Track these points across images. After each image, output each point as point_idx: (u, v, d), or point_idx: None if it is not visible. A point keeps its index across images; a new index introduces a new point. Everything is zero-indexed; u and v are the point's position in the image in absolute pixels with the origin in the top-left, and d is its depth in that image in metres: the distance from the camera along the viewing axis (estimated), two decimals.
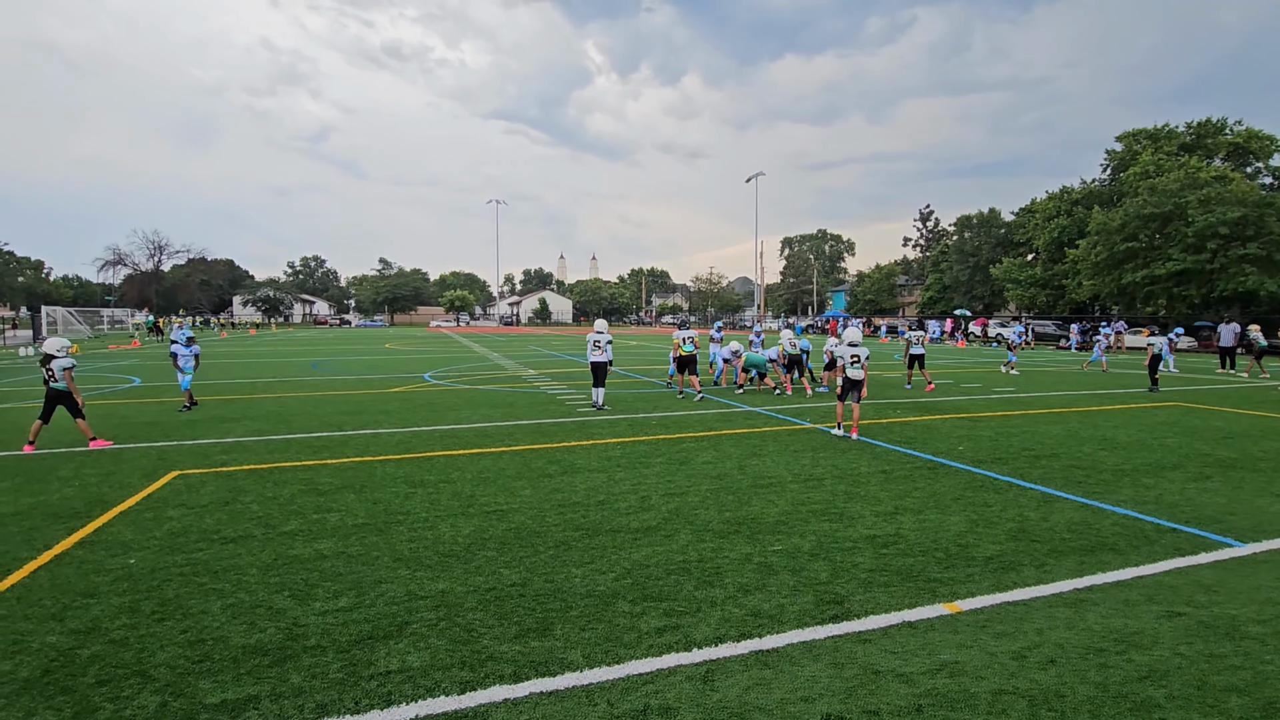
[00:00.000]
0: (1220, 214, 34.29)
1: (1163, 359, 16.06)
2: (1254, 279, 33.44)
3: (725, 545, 4.86)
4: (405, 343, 39.72)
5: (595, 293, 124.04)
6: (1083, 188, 50.98)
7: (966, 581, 4.21)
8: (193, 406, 11.62)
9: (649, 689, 3.01)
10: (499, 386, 15.58)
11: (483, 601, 3.90)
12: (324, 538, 5.01)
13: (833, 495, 6.18)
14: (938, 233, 77.80)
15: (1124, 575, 4.33)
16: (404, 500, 6.02)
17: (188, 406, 11.56)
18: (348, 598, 3.95)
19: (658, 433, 9.38)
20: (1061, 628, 3.60)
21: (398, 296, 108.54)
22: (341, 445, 8.54)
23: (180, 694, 2.95)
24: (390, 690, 2.99)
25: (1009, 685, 3.04)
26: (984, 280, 58.92)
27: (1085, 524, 5.38)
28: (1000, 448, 8.39)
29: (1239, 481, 6.79)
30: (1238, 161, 44.41)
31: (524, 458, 7.79)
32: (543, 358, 26.09)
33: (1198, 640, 3.47)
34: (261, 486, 6.48)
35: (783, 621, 3.66)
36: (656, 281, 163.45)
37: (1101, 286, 41.55)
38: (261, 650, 3.33)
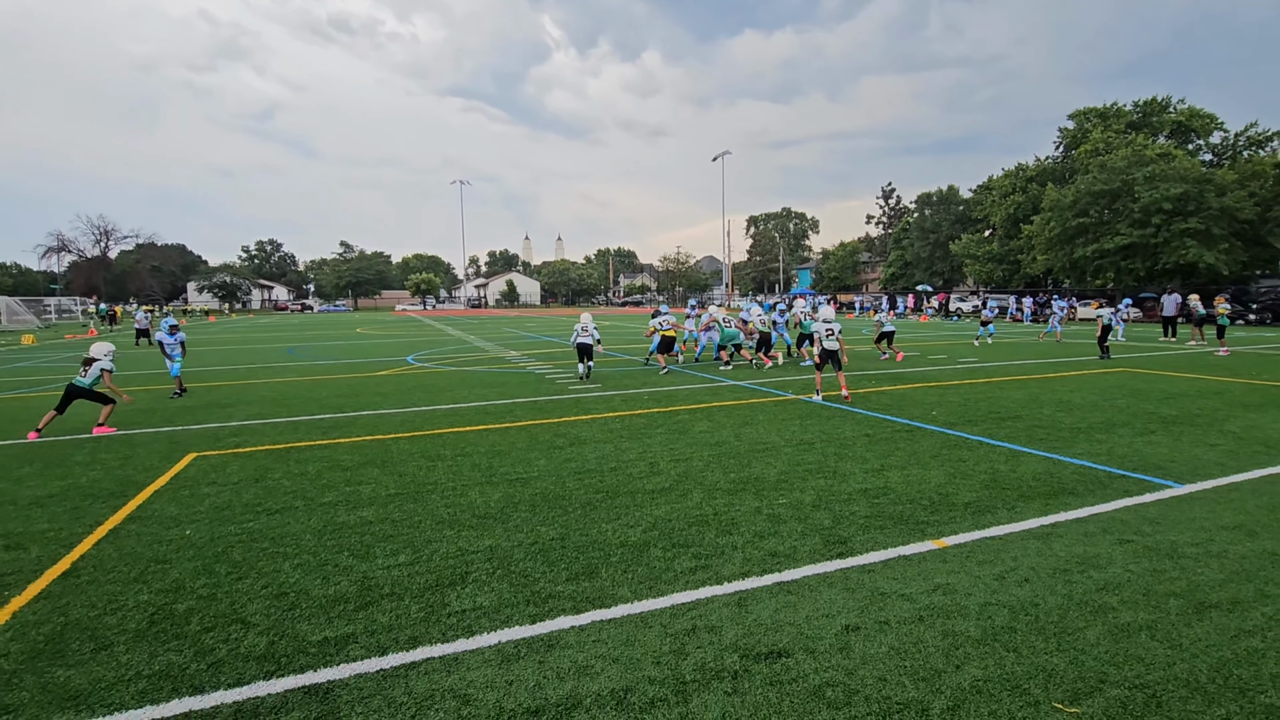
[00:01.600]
0: (1164, 190, 36.04)
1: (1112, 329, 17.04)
2: (1194, 252, 35.33)
3: (735, 501, 5.39)
4: (376, 327, 39.36)
5: (563, 274, 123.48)
6: (1037, 165, 52.70)
7: (950, 523, 4.82)
8: (183, 393, 11.71)
9: (693, 614, 3.51)
10: (485, 368, 15.86)
11: (530, 554, 4.36)
12: (363, 507, 5.37)
13: (824, 457, 6.77)
14: (899, 210, 79.47)
15: (1083, 513, 4.99)
16: (428, 473, 6.39)
17: (178, 393, 11.65)
18: (405, 555, 4.36)
19: (651, 406, 9.87)
20: (1033, 555, 4.22)
21: (361, 280, 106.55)
22: (349, 425, 8.82)
23: (283, 635, 3.35)
24: (470, 624, 3.43)
25: (993, 599, 3.63)
26: (944, 256, 60.66)
27: (1048, 473, 6.06)
28: (970, 412, 9.11)
29: (1179, 435, 7.60)
30: (1180, 139, 46.47)
31: (530, 432, 8.20)
32: (521, 339, 26.31)
33: (1144, 560, 4.12)
34: (285, 465, 6.78)
35: (797, 559, 4.20)
36: (623, 262, 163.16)
37: (1055, 261, 43.33)
38: (343, 599, 3.74)
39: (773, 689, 2.84)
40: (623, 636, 3.30)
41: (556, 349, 21.28)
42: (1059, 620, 3.39)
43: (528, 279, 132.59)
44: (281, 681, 2.94)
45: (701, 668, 3.00)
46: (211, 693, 2.87)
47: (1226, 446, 7.03)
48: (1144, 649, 3.12)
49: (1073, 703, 2.73)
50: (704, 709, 2.71)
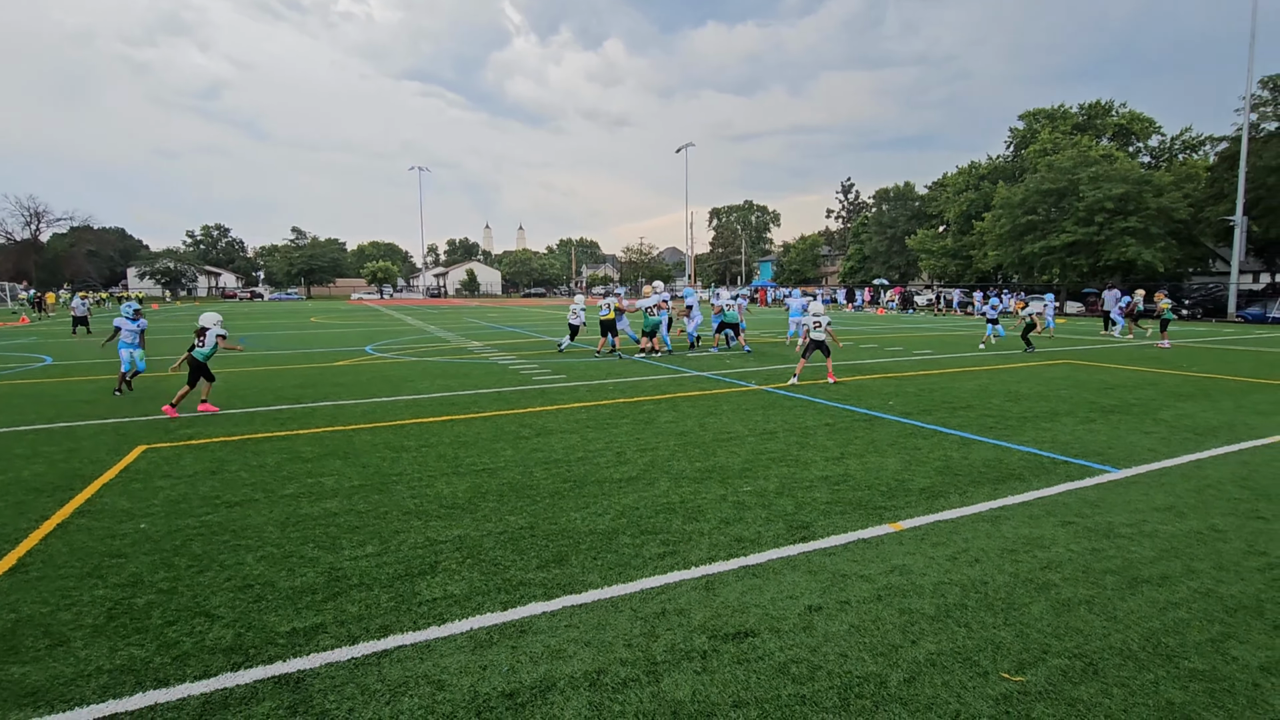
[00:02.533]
0: (1107, 190, 37.67)
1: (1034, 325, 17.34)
2: (1133, 249, 37.07)
3: (701, 489, 5.50)
4: (331, 316, 38.39)
5: (525, 264, 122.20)
6: (989, 163, 54.39)
7: (906, 507, 5.02)
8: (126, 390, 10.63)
9: (663, 597, 3.60)
10: (447, 359, 15.67)
11: (499, 543, 4.38)
12: (327, 498, 5.30)
13: (787, 445, 6.94)
14: (858, 205, 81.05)
15: (1029, 497, 5.26)
16: (392, 464, 6.33)
17: (121, 390, 10.60)
18: (373, 545, 4.33)
19: (615, 397, 9.93)
20: (983, 537, 4.44)
21: (314, 268, 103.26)
22: (307, 416, 8.64)
23: (250, 627, 3.31)
24: (441, 612, 3.45)
25: (946, 578, 3.82)
26: (900, 251, 62.19)
27: (997, 460, 6.35)
28: (924, 402, 9.44)
29: (1117, 423, 8.03)
30: (1122, 141, 48.56)
31: (495, 423, 8.17)
32: (483, 330, 26.03)
33: (1084, 540, 4.38)
34: (242, 457, 6.62)
35: (762, 544, 4.33)
36: (586, 252, 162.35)
37: (1005, 257, 44.88)
38: (310, 590, 3.71)
39: (740, 667, 2.95)
40: (594, 621, 3.36)
41: (520, 339, 21.14)
42: (1006, 597, 3.59)
43: (489, 268, 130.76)
44: (250, 672, 2.91)
45: (671, 649, 3.09)
46: (177, 685, 2.83)
47: (1159, 434, 7.46)
48: (1083, 622, 3.34)
49: (1019, 672, 2.91)
50: (675, 687, 2.80)
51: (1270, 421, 8.16)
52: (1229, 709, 2.67)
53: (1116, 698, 2.73)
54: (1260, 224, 34.91)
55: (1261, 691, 2.78)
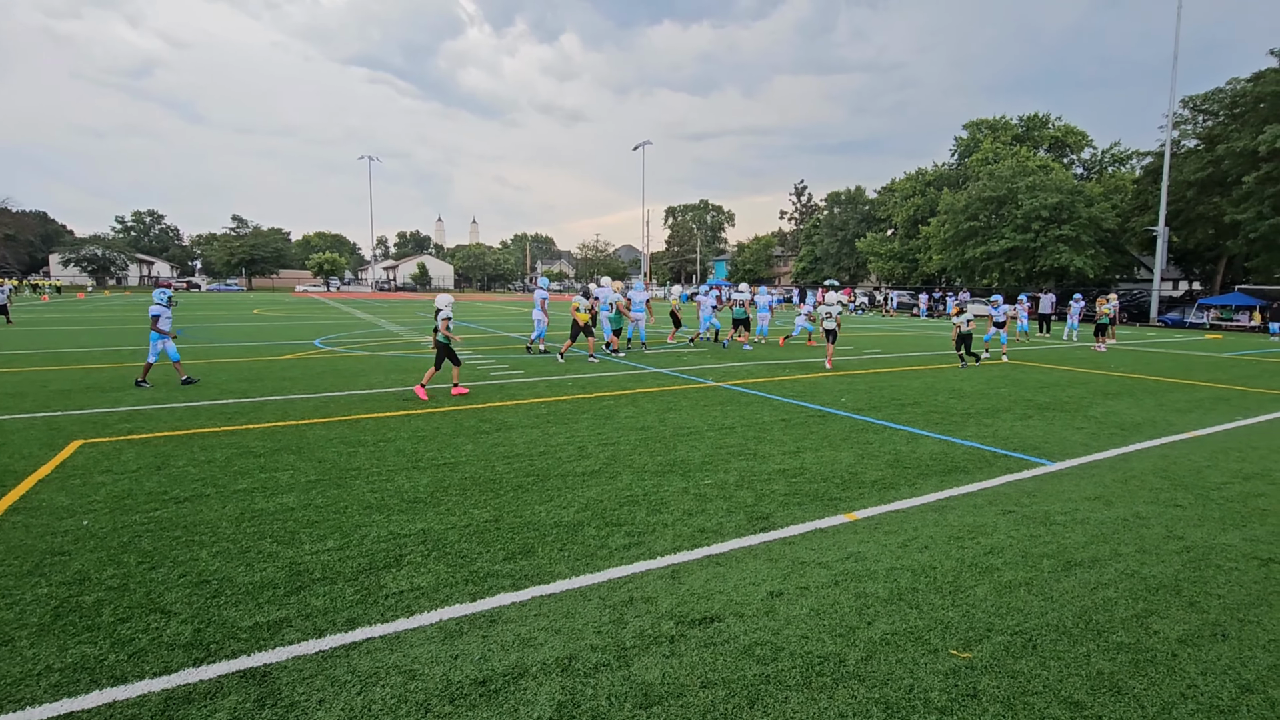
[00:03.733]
0: (1043, 199, 39.57)
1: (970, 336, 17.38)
2: (1066, 256, 39.06)
3: (663, 482, 5.60)
4: (275, 309, 37.03)
5: (478, 258, 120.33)
6: (934, 170, 56.36)
7: (859, 498, 5.24)
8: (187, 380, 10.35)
9: (630, 586, 3.68)
10: (401, 353, 15.37)
11: (464, 535, 4.38)
12: (283, 493, 5.18)
13: (745, 440, 7.11)
14: (810, 207, 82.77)
15: (972, 488, 5.56)
16: (349, 458, 6.22)
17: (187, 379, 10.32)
18: (334, 540, 4.27)
19: (575, 393, 9.95)
20: (931, 525, 4.68)
21: (256, 258, 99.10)
22: (256, 411, 8.37)
23: (210, 623, 3.24)
24: (409, 604, 3.44)
25: (897, 564, 4.02)
26: (850, 253, 63.86)
27: (943, 454, 6.67)
28: (874, 399, 9.79)
29: (1051, 419, 8.52)
30: (1057, 153, 51.07)
31: (454, 418, 8.10)
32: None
33: (1023, 527, 4.67)
34: (189, 452, 6.39)
35: (724, 534, 4.46)
36: (541, 248, 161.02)
37: (949, 260, 46.63)
38: (271, 584, 3.64)
39: (707, 650, 3.05)
40: (563, 610, 3.42)
41: (476, 334, 20.87)
42: (953, 580, 3.81)
43: (441, 262, 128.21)
44: (213, 667, 2.86)
45: (640, 634, 3.17)
46: (136, 682, 2.75)
47: (1089, 429, 7.95)
48: (1022, 602, 3.57)
49: (965, 649, 3.10)
50: (645, 671, 2.88)
51: (1187, 418, 8.79)
52: (1150, 677, 2.92)
53: (1053, 669, 2.95)
54: (1180, 234, 37.29)
55: (1179, 661, 3.05)
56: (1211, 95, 36.09)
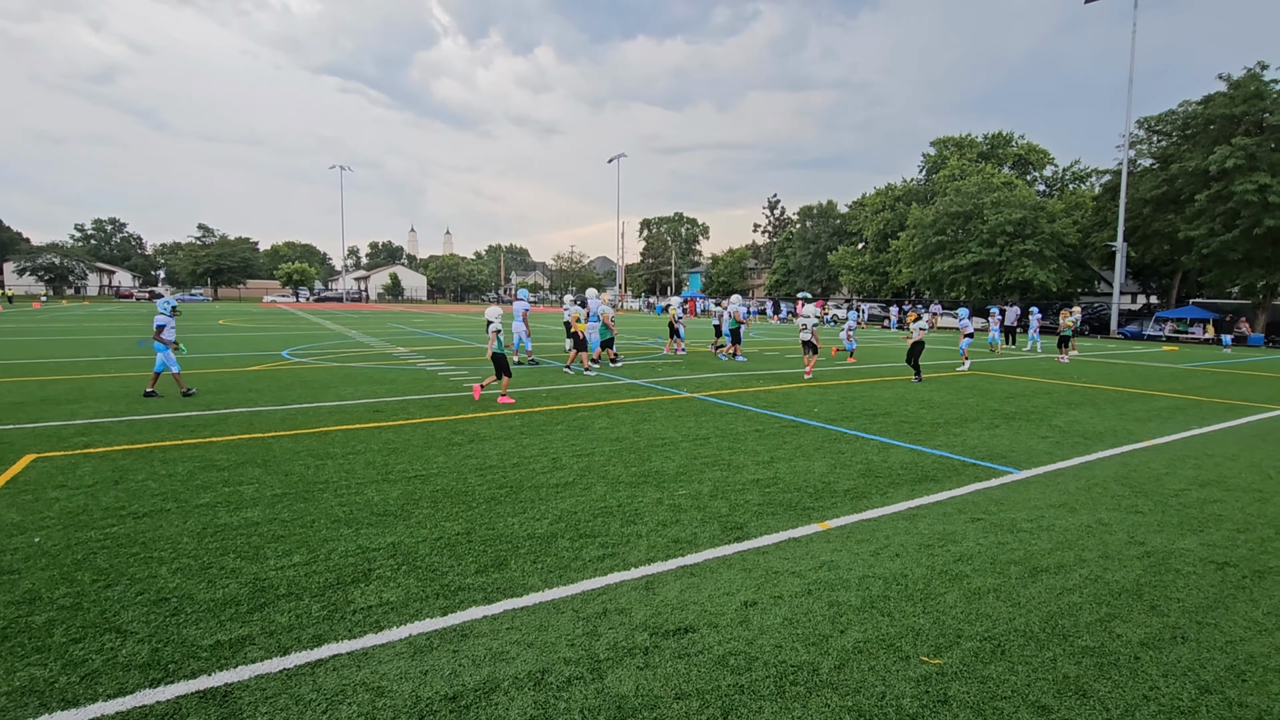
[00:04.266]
0: (1007, 215, 40.65)
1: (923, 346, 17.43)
2: (1030, 270, 40.12)
3: (637, 493, 5.58)
4: (242, 319, 36.24)
5: (452, 269, 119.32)
6: (903, 186, 57.57)
7: (832, 507, 5.28)
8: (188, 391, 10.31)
9: (604, 598, 3.65)
10: (372, 364, 15.14)
11: (435, 549, 4.31)
12: (247, 508, 5.05)
13: (719, 450, 7.13)
14: (783, 220, 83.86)
15: (942, 497, 5.64)
16: (317, 472, 6.08)
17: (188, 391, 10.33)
18: (300, 554, 4.17)
19: (549, 404, 9.89)
20: (902, 533, 4.73)
21: (222, 268, 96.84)
22: (220, 423, 8.16)
23: (168, 641, 3.13)
24: (377, 619, 3.37)
25: (870, 572, 4.05)
26: (823, 266, 64.79)
27: (913, 463, 6.76)
28: (846, 409, 9.91)
29: (1018, 429, 8.70)
30: (1021, 170, 52.57)
31: (426, 430, 7.98)
32: (410, 335, 25.26)
33: (991, 535, 4.75)
34: (149, 465, 6.19)
35: (698, 545, 4.45)
36: (515, 259, 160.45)
37: (917, 274, 47.55)
38: (234, 601, 3.53)
39: (681, 661, 3.03)
40: (536, 623, 3.37)
41: (449, 345, 20.65)
42: (924, 587, 3.86)
43: (413, 273, 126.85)
44: (171, 688, 2.76)
45: (614, 646, 3.14)
46: (88, 705, 2.64)
47: (1054, 438, 8.14)
48: (991, 608, 3.63)
49: (936, 655, 3.13)
50: (619, 683, 2.85)
51: (1146, 427, 9.05)
52: (1114, 679, 2.98)
53: (1021, 674, 2.99)
54: (1137, 250, 38.55)
55: (1141, 663, 3.12)
56: (1165, 117, 37.53)
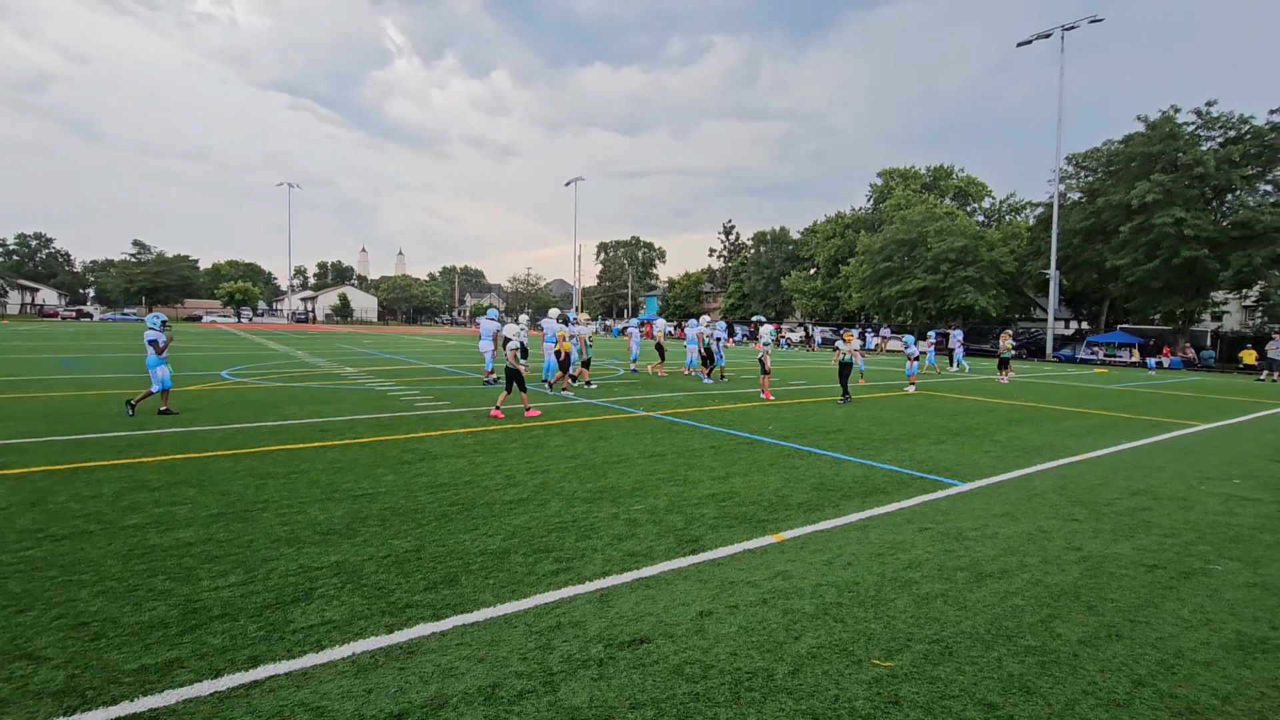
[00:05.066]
0: (950, 243, 42.45)
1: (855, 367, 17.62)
2: (971, 296, 41.87)
3: (593, 508, 5.53)
4: (179, 339, 34.65)
5: (404, 290, 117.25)
6: (853, 214, 59.57)
7: (786, 520, 5.33)
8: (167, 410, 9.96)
9: (558, 612, 3.58)
10: (318, 384, 14.66)
11: (383, 566, 4.16)
12: (180, 528, 4.78)
13: (675, 466, 7.14)
14: (738, 245, 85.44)
15: (892, 508, 5.76)
16: (257, 491, 5.82)
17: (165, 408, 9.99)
18: (237, 575, 3.96)
19: (504, 422, 9.75)
20: (854, 543, 4.80)
21: (159, 286, 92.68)
22: (152, 443, 7.75)
23: (87, 667, 2.91)
24: (319, 638, 3.22)
25: (823, 580, 4.09)
26: (776, 290, 66.16)
27: (864, 476, 6.90)
28: (800, 427, 10.07)
29: (962, 444, 8.99)
30: (961, 201, 55.08)
31: (374, 448, 7.75)
32: (358, 356, 24.61)
33: (939, 543, 4.87)
34: (71, 487, 5.81)
35: (654, 558, 4.42)
36: (470, 281, 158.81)
37: (867, 299, 49.04)
38: (163, 624, 3.32)
39: (636, 672, 2.99)
40: (487, 638, 3.28)
41: (399, 365, 20.19)
42: (875, 594, 3.91)
43: (364, 294, 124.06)
44: (89, 715, 2.56)
45: (568, 659, 3.08)
46: None
47: (996, 453, 8.44)
48: (939, 612, 3.70)
49: (888, 658, 3.17)
50: (572, 695, 2.79)
51: (1081, 442, 9.48)
52: (1056, 676, 3.06)
53: (968, 674, 3.05)
54: (1069, 278, 40.71)
55: (1080, 660, 3.22)
56: (1091, 154, 40.03)
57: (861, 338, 43.24)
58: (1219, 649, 3.41)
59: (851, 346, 13.59)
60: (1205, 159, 32.30)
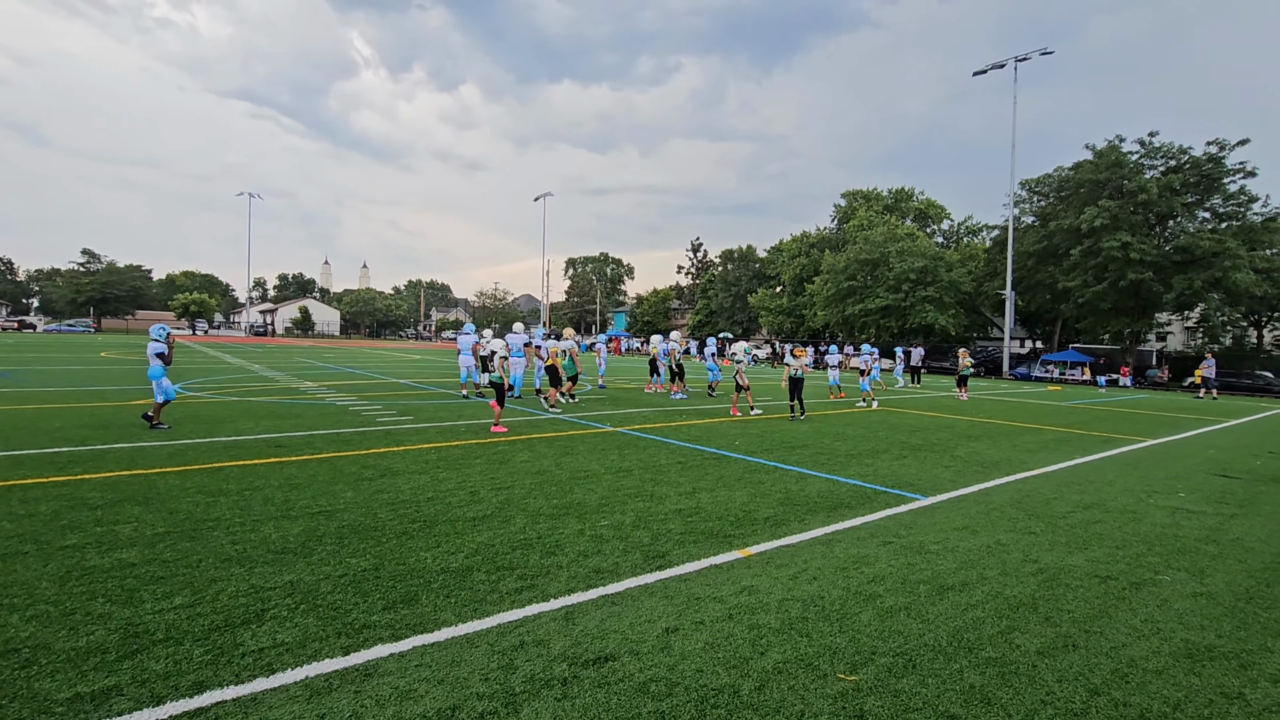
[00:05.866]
0: (911, 263, 43.57)
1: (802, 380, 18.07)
2: (931, 315, 42.97)
3: (559, 525, 5.45)
4: (128, 352, 33.39)
5: (368, 303, 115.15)
6: (818, 233, 60.77)
7: (752, 535, 5.34)
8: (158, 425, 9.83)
9: (521, 630, 3.50)
10: (276, 399, 14.24)
11: (339, 586, 4.02)
12: (122, 548, 4.56)
13: (642, 482, 7.10)
14: (706, 263, 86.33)
15: (856, 522, 5.82)
16: (207, 509, 5.60)
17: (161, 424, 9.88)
18: (182, 596, 3.79)
19: (468, 438, 9.59)
20: (819, 558, 4.83)
21: (109, 297, 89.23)
22: (95, 460, 7.40)
23: (15, 697, 2.74)
24: (269, 662, 3.08)
25: (789, 595, 4.10)
26: (743, 307, 66.91)
27: (829, 491, 6.97)
28: (766, 442, 10.14)
29: (923, 459, 9.16)
30: (921, 223, 56.70)
31: (333, 464, 7.54)
32: (318, 370, 24.02)
33: (901, 557, 4.92)
34: (5, 505, 5.51)
35: (620, 574, 4.37)
36: (436, 295, 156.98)
37: (831, 316, 49.93)
38: (100, 649, 3.15)
39: (601, 690, 2.93)
40: (447, 658, 3.18)
41: (361, 380, 19.75)
42: (840, 608, 3.93)
43: (326, 307, 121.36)
44: None
45: (531, 679, 3.01)
46: None
47: (956, 468, 8.62)
48: (903, 625, 3.73)
49: (852, 672, 3.18)
50: (535, 715, 2.72)
51: (1036, 457, 9.74)
52: (1015, 687, 3.11)
53: (931, 686, 3.08)
54: (1024, 298, 42.15)
55: (1038, 670, 3.28)
56: (1043, 179, 41.68)
57: (816, 353, 44.03)
58: (1169, 657, 3.50)
59: (801, 362, 13.39)
60: (1148, 186, 33.90)
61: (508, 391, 14.45)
